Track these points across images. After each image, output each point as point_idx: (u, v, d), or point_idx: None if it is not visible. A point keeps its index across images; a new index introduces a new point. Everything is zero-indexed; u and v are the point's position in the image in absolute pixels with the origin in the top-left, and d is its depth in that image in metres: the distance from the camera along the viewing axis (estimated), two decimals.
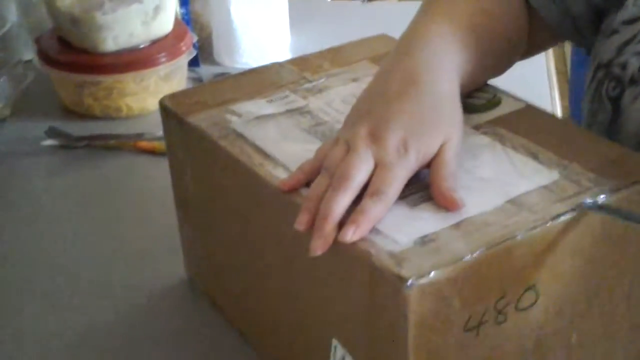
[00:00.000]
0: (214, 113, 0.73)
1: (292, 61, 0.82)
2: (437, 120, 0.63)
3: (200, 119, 0.72)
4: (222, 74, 1.22)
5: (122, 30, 1.10)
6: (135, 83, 1.13)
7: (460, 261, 0.55)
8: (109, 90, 1.12)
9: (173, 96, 0.78)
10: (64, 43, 1.15)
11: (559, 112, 1.10)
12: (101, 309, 0.81)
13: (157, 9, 1.12)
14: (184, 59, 1.17)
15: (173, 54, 1.14)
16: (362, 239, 0.57)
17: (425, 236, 0.57)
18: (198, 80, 1.22)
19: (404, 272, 0.53)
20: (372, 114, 0.63)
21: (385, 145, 0.61)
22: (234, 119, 0.72)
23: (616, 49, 0.72)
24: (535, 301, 0.59)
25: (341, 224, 0.58)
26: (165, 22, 1.15)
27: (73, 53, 1.13)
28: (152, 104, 1.14)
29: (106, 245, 0.90)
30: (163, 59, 1.13)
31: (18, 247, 0.91)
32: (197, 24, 1.30)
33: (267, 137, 0.69)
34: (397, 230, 0.57)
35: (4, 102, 1.12)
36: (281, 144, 0.68)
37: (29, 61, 1.19)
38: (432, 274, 0.54)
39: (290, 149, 0.67)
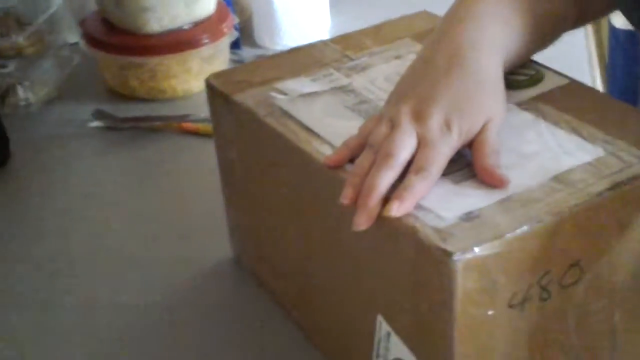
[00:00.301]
0: (259, 91, 0.74)
1: (335, 39, 0.82)
2: (480, 99, 0.63)
3: (245, 97, 0.73)
4: (263, 56, 1.23)
5: (166, 11, 1.12)
6: (178, 65, 1.14)
7: (504, 237, 0.55)
8: (153, 72, 1.13)
9: (219, 75, 0.79)
10: (109, 25, 1.16)
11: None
12: (147, 286, 0.83)
13: None
14: (226, 41, 1.18)
15: (215, 36, 1.15)
16: (407, 215, 0.58)
17: (470, 212, 0.57)
18: (239, 62, 1.22)
19: (449, 247, 0.54)
20: (416, 91, 0.64)
21: (429, 123, 0.61)
22: (279, 96, 0.73)
23: None
24: (580, 278, 0.59)
25: (385, 201, 0.58)
26: (208, 3, 1.16)
27: (117, 35, 1.14)
28: (195, 85, 1.15)
29: (151, 225, 0.91)
30: (206, 41, 1.14)
31: (65, 225, 0.93)
32: (238, 6, 1.31)
33: (312, 114, 0.70)
34: (441, 206, 0.58)
35: (51, 84, 1.14)
36: (326, 121, 0.68)
37: (75, 44, 1.21)
38: (477, 249, 0.54)
39: (335, 126, 0.68)
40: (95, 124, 1.08)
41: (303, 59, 0.79)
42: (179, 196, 0.97)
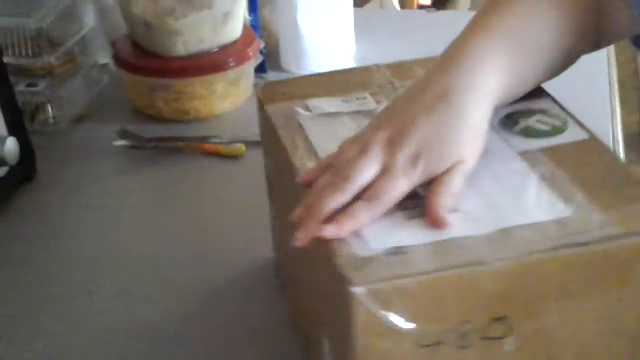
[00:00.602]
0: (291, 104, 0.77)
1: (389, 65, 0.83)
2: (455, 142, 0.63)
3: (275, 108, 0.77)
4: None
5: (192, 35, 1.14)
6: (204, 87, 1.17)
7: (417, 276, 0.55)
8: (179, 93, 1.16)
9: (267, 85, 0.83)
10: (138, 47, 1.19)
11: (618, 125, 1.09)
12: (167, 305, 0.84)
13: (226, 16, 1.16)
14: (251, 65, 1.20)
15: (241, 60, 1.18)
16: (340, 240, 0.58)
17: (400, 247, 0.57)
18: None
19: (354, 277, 0.54)
20: (396, 120, 0.65)
21: (397, 153, 0.62)
22: (302, 112, 0.75)
23: None
24: (507, 334, 0.58)
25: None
26: (234, 28, 1.19)
27: (146, 57, 1.18)
28: (219, 107, 1.18)
29: (171, 243, 0.94)
30: (231, 64, 1.17)
31: (87, 240, 0.95)
32: (265, 31, 1.33)
33: (322, 133, 0.72)
34: (376, 237, 0.58)
35: (80, 103, 1.18)
36: (332, 142, 0.69)
37: (105, 65, 1.24)
38: (383, 284, 0.54)
39: (335, 148, 0.69)
40: (120, 142, 1.11)
41: (350, 79, 0.80)
42: (199, 214, 0.99)
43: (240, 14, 1.20)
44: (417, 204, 0.61)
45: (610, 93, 1.11)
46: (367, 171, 0.62)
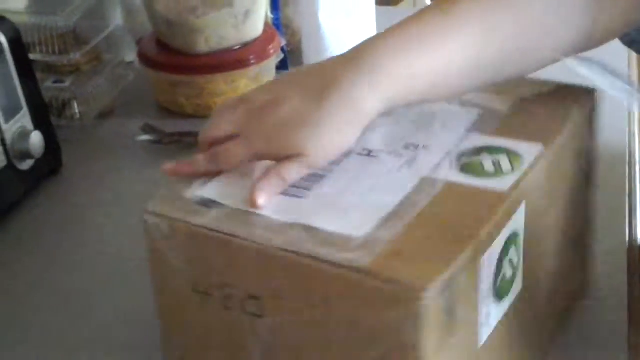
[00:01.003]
0: None
1: None
2: (308, 132, 0.65)
3: None
4: None
5: (213, 32, 1.17)
6: (226, 84, 1.19)
7: (194, 226, 0.62)
8: (201, 89, 1.19)
9: None
10: (162, 45, 1.22)
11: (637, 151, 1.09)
12: None
13: (247, 14, 1.18)
14: (272, 62, 1.22)
15: (262, 57, 1.20)
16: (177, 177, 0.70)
17: (208, 200, 0.65)
18: None
19: (156, 205, 0.67)
20: (276, 90, 0.69)
21: (253, 124, 0.67)
22: None
23: None
24: (263, 315, 0.61)
25: None
26: (255, 26, 1.21)
27: (169, 54, 1.20)
28: None
29: None
30: (252, 61, 1.19)
31: (110, 231, 0.99)
32: (288, 30, 1.36)
33: None
34: (201, 186, 0.67)
35: (105, 100, 1.21)
36: None
37: (131, 62, 1.27)
38: (165, 218, 0.64)
39: None
40: (143, 137, 1.14)
41: None
42: None
43: (262, 12, 1.22)
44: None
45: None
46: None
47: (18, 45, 1.01)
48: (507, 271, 0.63)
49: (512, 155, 0.67)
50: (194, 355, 0.68)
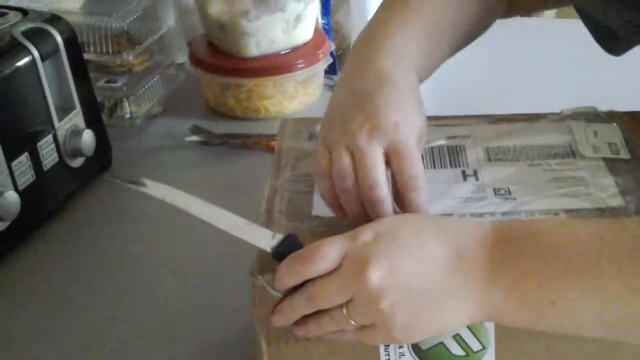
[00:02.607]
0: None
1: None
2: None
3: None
4: None
5: (264, 36, 1.18)
6: (274, 87, 1.20)
7: None
8: (250, 92, 1.20)
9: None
10: (213, 47, 1.24)
11: None
12: (233, 287, 0.85)
13: (298, 18, 1.19)
14: (320, 66, 1.23)
15: (310, 61, 1.21)
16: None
17: None
18: (334, 87, 1.27)
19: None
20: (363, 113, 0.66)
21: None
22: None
23: None
24: None
25: None
26: (305, 31, 1.22)
27: (220, 57, 1.22)
28: (288, 107, 1.21)
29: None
30: (301, 65, 1.20)
31: (154, 229, 1.00)
32: (338, 35, 1.36)
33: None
34: None
35: (156, 100, 1.23)
36: None
37: (182, 63, 1.29)
38: None
39: None
40: (192, 138, 1.16)
41: None
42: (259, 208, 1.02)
43: (312, 17, 1.23)
44: None
45: None
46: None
47: (73, 45, 1.03)
48: None
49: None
50: None
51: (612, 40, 0.75)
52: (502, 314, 0.56)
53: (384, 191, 0.62)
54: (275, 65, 1.20)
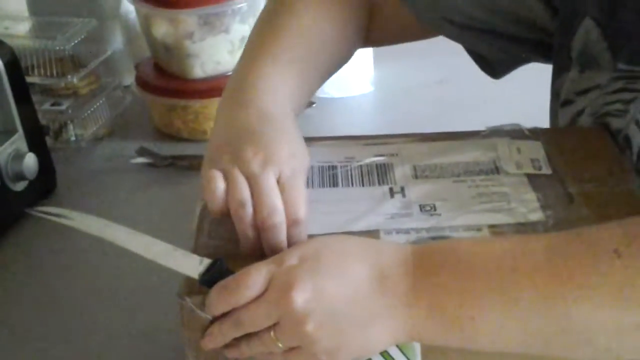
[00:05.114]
0: None
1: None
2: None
3: None
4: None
5: (209, 58, 1.19)
6: None
7: None
8: (196, 114, 1.20)
9: None
10: (159, 69, 1.24)
11: None
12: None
13: (243, 40, 1.20)
14: None
15: None
16: None
17: None
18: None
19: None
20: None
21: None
22: None
23: (570, 119, 0.76)
24: None
25: None
26: None
27: (166, 79, 1.22)
28: None
29: None
30: None
31: (102, 255, 0.99)
32: None
33: None
34: None
35: (102, 122, 1.22)
36: None
37: (129, 86, 1.29)
38: None
39: None
40: (138, 160, 1.15)
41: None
42: None
43: None
44: None
45: None
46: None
47: (15, 68, 1.03)
48: None
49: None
50: None
51: (490, 66, 0.85)
52: (425, 333, 0.57)
53: (281, 216, 0.62)
54: (221, 87, 1.16)
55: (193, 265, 0.61)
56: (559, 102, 0.78)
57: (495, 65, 0.86)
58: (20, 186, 1.03)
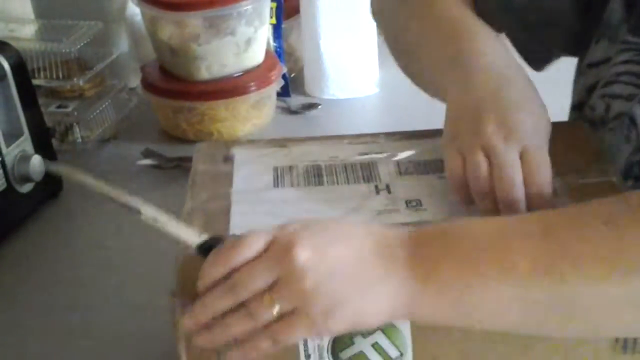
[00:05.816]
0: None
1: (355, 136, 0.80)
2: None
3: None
4: (310, 105, 1.30)
5: (215, 60, 1.19)
6: (226, 110, 1.21)
7: None
8: (202, 115, 1.20)
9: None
10: (165, 72, 1.25)
11: None
12: None
13: (248, 42, 1.20)
14: (272, 89, 1.24)
15: (262, 84, 1.22)
16: None
17: None
18: (287, 109, 1.29)
19: None
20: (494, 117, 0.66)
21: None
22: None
23: (585, 91, 0.75)
24: None
25: None
26: (256, 54, 1.23)
27: (171, 81, 1.23)
28: (241, 129, 1.22)
29: None
30: (253, 88, 1.21)
31: (108, 254, 1.00)
32: (291, 57, 1.37)
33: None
34: None
35: (108, 124, 1.23)
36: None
37: (134, 88, 1.29)
38: None
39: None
40: (144, 162, 1.16)
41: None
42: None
43: (263, 40, 1.24)
44: None
45: None
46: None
47: (21, 71, 1.03)
48: None
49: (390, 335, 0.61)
50: None
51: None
52: (421, 306, 0.57)
53: (521, 191, 0.63)
54: (226, 88, 1.21)
55: (193, 235, 0.62)
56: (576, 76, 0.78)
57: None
58: (26, 188, 1.03)
